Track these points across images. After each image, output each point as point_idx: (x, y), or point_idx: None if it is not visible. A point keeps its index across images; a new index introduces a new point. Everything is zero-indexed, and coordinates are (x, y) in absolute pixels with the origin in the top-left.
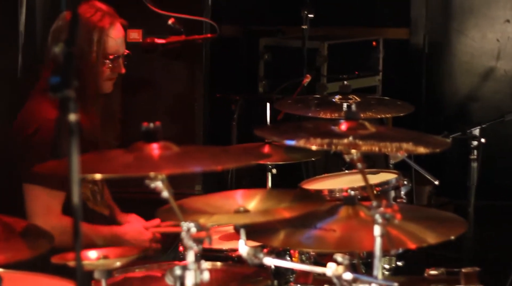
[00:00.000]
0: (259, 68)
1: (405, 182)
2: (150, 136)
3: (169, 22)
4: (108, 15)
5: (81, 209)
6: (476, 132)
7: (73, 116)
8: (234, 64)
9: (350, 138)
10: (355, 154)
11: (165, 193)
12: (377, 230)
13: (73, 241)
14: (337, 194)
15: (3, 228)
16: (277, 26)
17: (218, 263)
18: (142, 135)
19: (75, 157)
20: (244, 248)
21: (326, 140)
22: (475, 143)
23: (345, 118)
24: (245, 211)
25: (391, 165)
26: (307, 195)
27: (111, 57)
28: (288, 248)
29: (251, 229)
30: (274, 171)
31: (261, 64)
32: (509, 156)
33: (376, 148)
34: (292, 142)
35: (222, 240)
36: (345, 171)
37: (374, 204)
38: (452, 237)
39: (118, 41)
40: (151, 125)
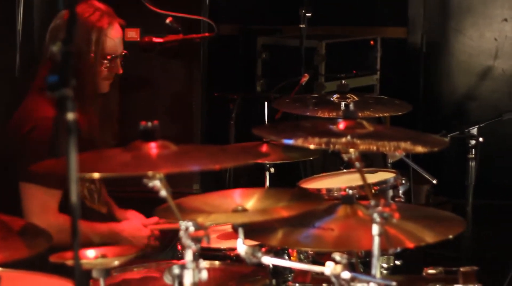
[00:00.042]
0: (257, 67)
1: (403, 181)
2: (148, 135)
3: (167, 21)
4: (107, 14)
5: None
6: (474, 131)
7: (71, 115)
8: (232, 63)
9: (348, 137)
10: (353, 153)
11: (163, 192)
12: (375, 229)
13: (71, 240)
14: (335, 193)
15: (1, 226)
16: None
17: (216, 262)
18: (140, 134)
19: (73, 156)
20: (242, 247)
21: (324, 139)
22: (473, 142)
23: (343, 117)
24: (243, 210)
25: (389, 164)
26: (305, 194)
27: (109, 57)
28: (286, 247)
29: (249, 228)
30: (272, 170)
31: (259, 63)
32: (507, 155)
33: (374, 147)
34: (290, 141)
35: (220, 239)
36: (343, 170)
37: (372, 203)
38: (450, 236)
39: (116, 41)
40: (149, 124)
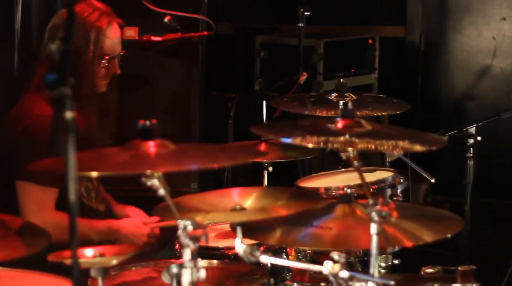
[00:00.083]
0: (255, 65)
1: (401, 180)
2: (147, 134)
3: (165, 19)
4: (106, 14)
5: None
6: (472, 130)
7: (69, 114)
8: (231, 61)
9: (347, 136)
10: (351, 152)
11: (162, 191)
12: (373, 228)
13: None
14: (334, 192)
15: (0, 226)
16: (274, 24)
17: (215, 261)
18: (138, 132)
19: (71, 155)
20: (240, 246)
21: (322, 138)
22: (471, 141)
23: (341, 116)
24: (242, 209)
25: (387, 163)
26: (303, 193)
27: (107, 57)
28: (285, 246)
29: (247, 227)
30: (270, 169)
31: (257, 62)
32: (505, 154)
33: (372, 146)
34: (288, 140)
35: (219, 238)
36: (342, 169)
37: (371, 202)
38: (449, 235)
39: (114, 41)
40: (147, 122)
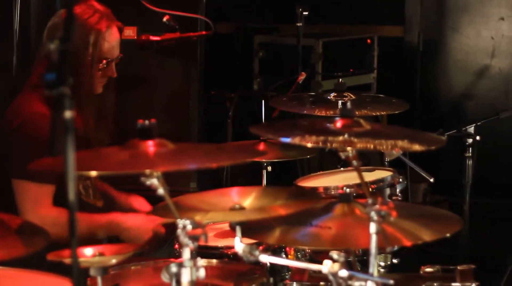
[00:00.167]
0: (254, 65)
1: (400, 180)
2: (145, 133)
3: (164, 19)
4: (106, 17)
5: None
6: (471, 129)
7: (68, 113)
8: (229, 61)
9: (345, 135)
10: (350, 151)
11: (161, 190)
12: (372, 227)
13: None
14: (333, 192)
15: None
16: (272, 24)
17: (214, 261)
18: (137, 132)
19: (70, 154)
20: (239, 245)
21: (321, 138)
22: (470, 140)
23: (340, 115)
24: (241, 209)
25: (386, 163)
26: (302, 193)
27: (105, 61)
28: (284, 246)
29: (246, 227)
30: (269, 168)
31: (256, 62)
32: (504, 153)
33: (371, 146)
34: (287, 140)
35: (218, 237)
36: (340, 168)
37: (370, 201)
38: (448, 235)
39: (113, 45)
40: (146, 122)
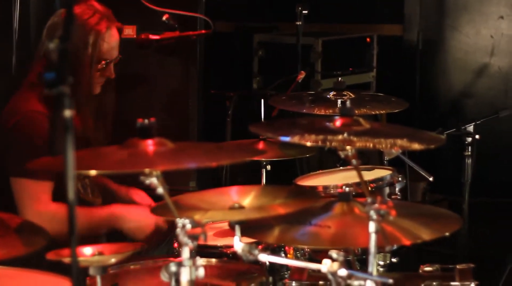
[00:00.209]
0: (254, 64)
1: (400, 179)
2: (145, 132)
3: (163, 18)
4: (106, 18)
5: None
6: (470, 128)
7: (68, 112)
8: (229, 60)
9: (345, 134)
10: (349, 150)
11: (160, 189)
12: (371, 226)
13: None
14: (332, 191)
15: None
16: (272, 22)
17: (213, 260)
18: (136, 131)
19: (70, 153)
20: (239, 244)
21: (320, 137)
22: (469, 139)
23: (339, 114)
24: (240, 208)
25: (386, 162)
26: (301, 192)
27: (104, 62)
28: (283, 245)
29: (246, 226)
30: (268, 167)
31: (255, 60)
32: (503, 152)
33: (370, 145)
34: (286, 139)
35: (217, 236)
36: (340, 167)
37: (369, 200)
38: (447, 234)
39: (112, 45)
40: (146, 121)
